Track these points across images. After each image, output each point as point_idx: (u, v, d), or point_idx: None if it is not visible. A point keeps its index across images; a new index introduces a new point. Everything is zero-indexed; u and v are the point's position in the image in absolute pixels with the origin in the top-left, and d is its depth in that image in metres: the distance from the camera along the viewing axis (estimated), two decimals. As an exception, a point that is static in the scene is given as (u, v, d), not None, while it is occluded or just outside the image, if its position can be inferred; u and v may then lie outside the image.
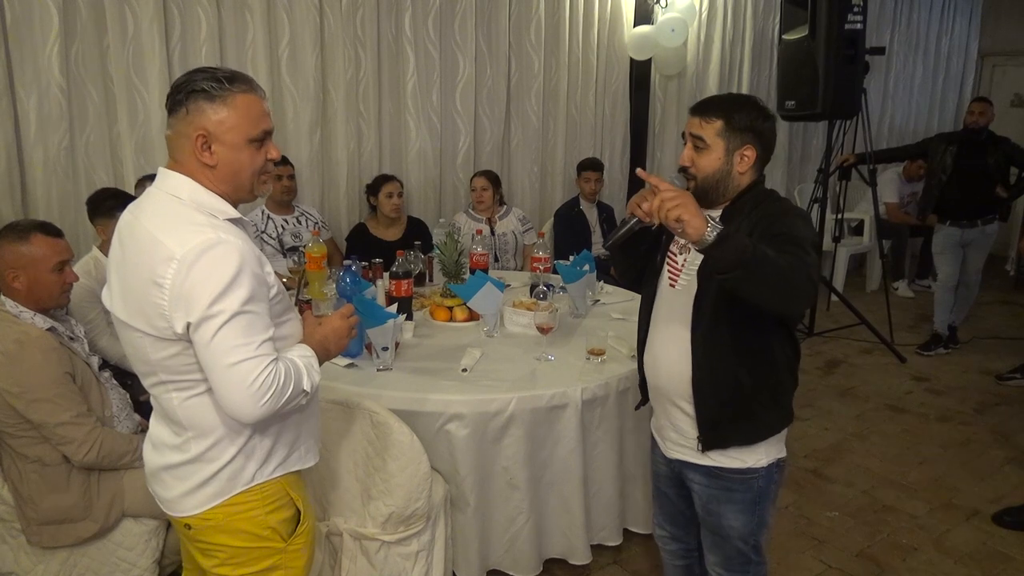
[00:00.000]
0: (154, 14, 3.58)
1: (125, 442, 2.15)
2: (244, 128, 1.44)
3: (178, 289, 1.34)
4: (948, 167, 4.85)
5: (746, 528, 1.86)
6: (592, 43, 5.22)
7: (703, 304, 1.75)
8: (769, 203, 1.76)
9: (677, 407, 1.87)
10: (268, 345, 1.41)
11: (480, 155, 4.90)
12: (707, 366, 1.77)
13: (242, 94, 1.44)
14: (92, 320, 2.85)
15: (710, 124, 1.74)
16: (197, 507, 1.52)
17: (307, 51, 4.08)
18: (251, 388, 1.36)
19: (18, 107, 3.37)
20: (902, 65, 7.32)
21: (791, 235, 1.63)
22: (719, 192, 1.77)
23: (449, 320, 3.01)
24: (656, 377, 1.92)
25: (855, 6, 4.52)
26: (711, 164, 1.75)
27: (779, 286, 1.52)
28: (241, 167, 1.47)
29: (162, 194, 1.46)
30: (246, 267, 1.37)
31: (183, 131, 1.43)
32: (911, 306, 6.18)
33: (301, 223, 3.98)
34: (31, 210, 3.47)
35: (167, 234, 1.37)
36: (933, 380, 4.62)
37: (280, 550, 1.60)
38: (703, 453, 1.83)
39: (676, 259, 1.87)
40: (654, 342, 1.92)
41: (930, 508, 3.16)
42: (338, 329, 1.66)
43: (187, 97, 1.41)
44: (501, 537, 2.46)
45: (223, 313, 1.34)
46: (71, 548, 2.15)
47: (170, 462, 1.53)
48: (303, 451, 1.65)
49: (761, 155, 1.77)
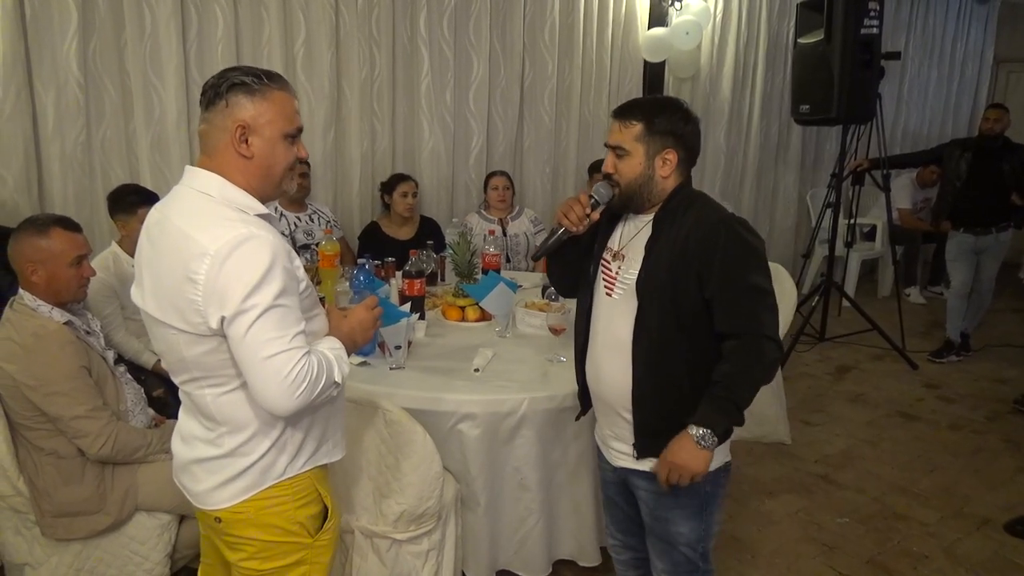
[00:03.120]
0: (171, 11, 3.60)
1: (139, 436, 2.17)
2: (280, 123, 1.48)
3: (212, 284, 1.36)
4: (963, 173, 4.83)
5: (693, 534, 1.85)
6: (606, 45, 5.22)
7: (647, 320, 1.74)
8: (699, 209, 1.74)
9: (619, 415, 1.85)
10: (301, 338, 1.42)
11: (493, 155, 4.91)
12: (649, 378, 1.76)
13: (279, 91, 1.48)
14: (108, 315, 2.87)
15: (629, 128, 1.74)
16: (228, 500, 1.54)
17: (322, 50, 4.10)
18: (286, 381, 1.38)
19: (36, 102, 3.40)
20: (917, 70, 7.28)
21: (749, 289, 1.68)
22: (644, 198, 1.78)
23: (461, 320, 3.02)
24: (598, 386, 1.90)
25: (871, 11, 4.50)
26: (632, 170, 1.75)
27: (760, 384, 1.70)
28: (276, 161, 1.50)
29: (191, 192, 1.47)
30: (278, 261, 1.39)
31: (221, 124, 1.45)
32: (923, 313, 6.15)
33: (314, 221, 3.99)
34: (48, 205, 3.49)
35: (199, 230, 1.39)
36: (945, 387, 4.59)
37: (307, 545, 1.61)
38: (639, 460, 1.83)
39: (610, 267, 1.86)
40: (594, 352, 1.90)
41: (941, 516, 3.14)
42: (363, 321, 1.69)
43: (227, 90, 1.44)
44: (511, 537, 2.46)
45: (257, 307, 1.36)
46: (84, 541, 2.17)
47: (201, 456, 1.55)
48: (331, 445, 1.67)
49: (684, 158, 1.77)
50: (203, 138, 1.49)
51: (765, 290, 1.70)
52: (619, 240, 1.86)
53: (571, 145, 5.22)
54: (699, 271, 1.68)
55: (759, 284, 1.69)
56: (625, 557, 2.11)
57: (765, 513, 3.12)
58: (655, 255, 1.73)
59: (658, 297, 1.71)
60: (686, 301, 1.70)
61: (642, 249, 1.76)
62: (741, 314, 1.68)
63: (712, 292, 1.68)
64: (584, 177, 4.90)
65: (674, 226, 1.73)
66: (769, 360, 1.68)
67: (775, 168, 6.44)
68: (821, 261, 5.86)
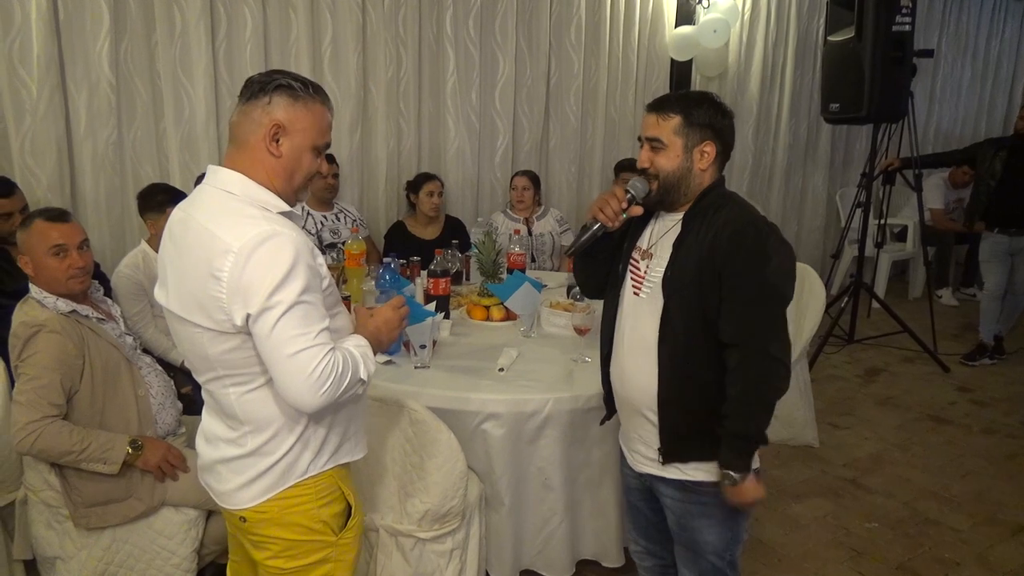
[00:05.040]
0: (201, 12, 3.64)
1: (72, 442, 2.05)
2: (313, 134, 1.51)
3: (236, 281, 1.36)
4: (997, 173, 4.73)
5: (721, 543, 1.81)
6: (633, 43, 5.19)
7: (672, 319, 1.71)
8: (731, 209, 1.71)
9: (644, 418, 1.81)
10: (325, 334, 1.43)
11: (518, 155, 4.90)
12: (675, 379, 1.73)
13: (319, 104, 1.51)
14: (138, 312, 2.91)
15: (667, 121, 1.72)
16: (252, 500, 1.55)
17: (349, 49, 4.12)
18: (311, 377, 1.38)
19: (69, 103, 3.46)
20: (950, 68, 7.17)
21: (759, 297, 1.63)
22: (680, 192, 1.75)
23: (486, 319, 3.02)
24: (623, 388, 1.86)
25: (904, 8, 4.42)
26: (670, 163, 1.73)
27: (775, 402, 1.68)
28: (300, 167, 1.51)
29: (214, 190, 1.48)
30: (301, 258, 1.39)
31: (258, 118, 1.47)
32: (955, 315, 6.05)
33: (340, 220, 4.01)
34: (80, 204, 3.55)
35: (222, 228, 1.39)
36: (978, 391, 4.51)
37: (332, 544, 1.62)
38: (665, 466, 1.79)
39: (639, 266, 1.83)
40: (620, 352, 1.87)
41: (973, 522, 3.08)
42: (390, 320, 1.70)
43: (274, 89, 1.46)
44: (535, 538, 2.45)
45: (281, 304, 1.36)
46: (113, 535, 2.19)
47: (226, 456, 1.56)
48: (353, 443, 1.68)
49: (721, 151, 1.75)
50: (234, 129, 1.50)
51: (775, 303, 1.65)
52: (649, 238, 1.83)
53: (597, 144, 5.20)
54: (720, 273, 1.65)
55: (770, 294, 1.64)
56: (648, 564, 2.08)
57: (792, 517, 3.08)
58: (683, 253, 1.71)
59: (684, 296, 1.69)
60: (711, 301, 1.67)
61: (670, 247, 1.74)
62: (744, 322, 1.64)
63: (726, 294, 1.64)
64: (610, 176, 4.87)
65: (703, 225, 1.70)
66: (771, 379, 1.65)
67: (804, 167, 6.37)
68: (851, 262, 5.79)
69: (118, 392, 2.20)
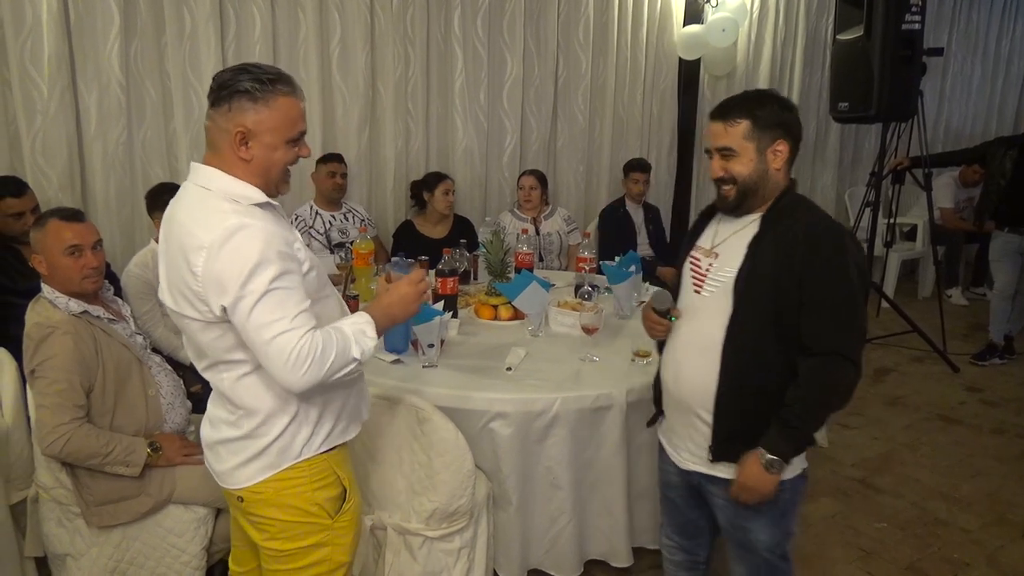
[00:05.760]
0: (210, 13, 3.66)
1: (99, 444, 2.08)
2: (282, 130, 1.52)
3: (208, 275, 1.43)
4: (1008, 172, 4.71)
5: (772, 540, 1.82)
6: (641, 42, 5.18)
7: (742, 321, 1.70)
8: (808, 213, 1.71)
9: (697, 417, 1.81)
10: (304, 317, 1.47)
11: (526, 154, 4.90)
12: (736, 381, 1.72)
13: (283, 96, 1.51)
14: (148, 311, 2.93)
15: (735, 127, 1.70)
16: (248, 480, 1.61)
17: (357, 49, 4.13)
18: (290, 360, 1.43)
19: (80, 103, 3.48)
20: (960, 67, 7.13)
21: (842, 304, 1.63)
22: (760, 195, 1.74)
23: (494, 319, 3.02)
24: (676, 386, 1.86)
25: (913, 6, 4.40)
26: (745, 167, 1.71)
27: (836, 410, 1.73)
28: (274, 163, 1.54)
29: (194, 187, 1.54)
30: (271, 246, 1.44)
31: (224, 126, 1.50)
32: (965, 314, 6.01)
33: (348, 220, 4.02)
34: (90, 203, 3.57)
35: (197, 224, 1.46)
36: (988, 391, 4.49)
37: (327, 527, 1.67)
38: (714, 464, 1.79)
39: (700, 264, 1.82)
40: (674, 349, 1.87)
41: (983, 523, 3.07)
42: (405, 296, 1.67)
43: (231, 95, 1.48)
44: (543, 537, 2.45)
45: (254, 293, 1.42)
46: (124, 532, 2.20)
47: (224, 437, 1.63)
48: (346, 424, 1.72)
49: (793, 147, 1.74)
50: (207, 133, 1.55)
51: (857, 309, 1.66)
52: (713, 237, 1.82)
53: (605, 143, 5.19)
54: (800, 278, 1.64)
55: (853, 301, 1.65)
56: (678, 558, 2.09)
57: (801, 517, 3.05)
58: (759, 255, 1.69)
59: (757, 299, 1.68)
60: (786, 307, 1.66)
61: (740, 248, 1.72)
62: (827, 328, 1.64)
63: (807, 299, 1.64)
64: (618, 175, 4.87)
65: (780, 227, 1.69)
66: (846, 386, 1.68)
67: (812, 166, 6.35)
68: (859, 261, 5.75)
69: (129, 392, 2.21)
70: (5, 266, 2.90)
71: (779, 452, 1.67)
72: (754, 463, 1.69)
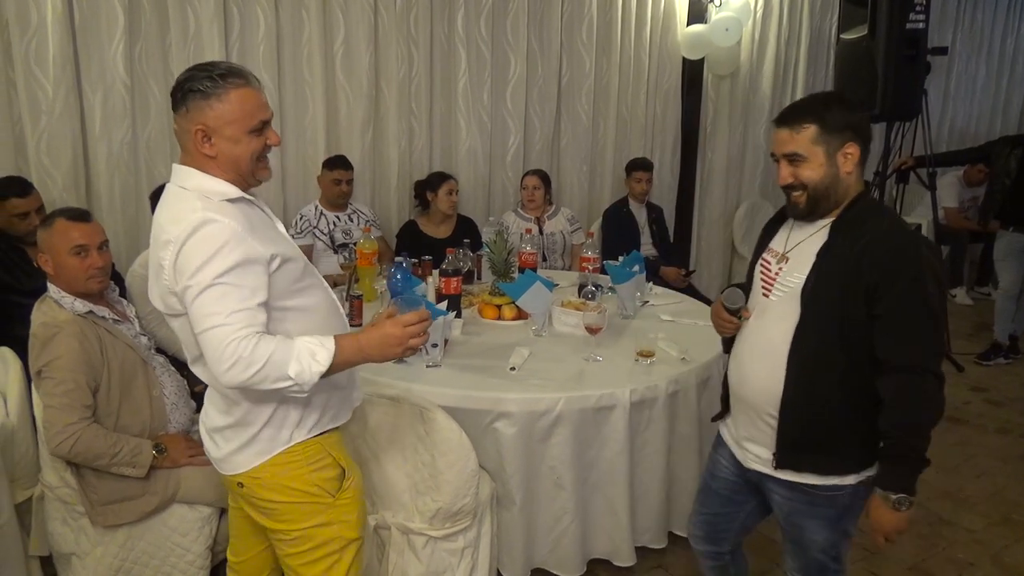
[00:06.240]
0: (214, 14, 3.66)
1: (107, 445, 2.09)
2: (241, 122, 1.54)
3: (172, 268, 1.48)
4: (1013, 171, 4.70)
5: (828, 542, 1.80)
6: (644, 42, 5.18)
7: (808, 329, 1.68)
8: (882, 221, 1.67)
9: (762, 419, 1.79)
10: (243, 316, 1.45)
11: (530, 154, 4.90)
12: (801, 387, 1.70)
13: (236, 89, 1.52)
14: (152, 311, 2.91)
15: (802, 132, 1.66)
16: (244, 465, 1.65)
17: (361, 49, 4.14)
18: (215, 354, 1.44)
19: (84, 103, 3.49)
20: (964, 66, 7.11)
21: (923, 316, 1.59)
22: (831, 200, 1.70)
23: (497, 318, 3.02)
24: (741, 387, 1.85)
25: (917, 5, 4.38)
26: (815, 172, 1.67)
27: (934, 425, 1.65)
28: (239, 156, 1.56)
29: (173, 187, 1.59)
30: (231, 243, 1.46)
31: (185, 127, 1.54)
32: (970, 314, 6.00)
33: (353, 220, 4.03)
34: (95, 203, 3.58)
35: (169, 221, 1.51)
36: (992, 391, 4.48)
37: (331, 504, 1.70)
38: (776, 469, 1.78)
39: (770, 267, 1.81)
40: (740, 351, 1.86)
41: (988, 523, 3.06)
42: (387, 336, 1.56)
43: (184, 96, 1.51)
44: (546, 536, 2.46)
45: (198, 284, 1.45)
46: (129, 532, 2.21)
47: (218, 424, 1.68)
48: (335, 411, 1.74)
49: (863, 150, 1.69)
50: (176, 138, 1.60)
51: (935, 322, 1.62)
52: (786, 242, 1.80)
53: (608, 143, 5.19)
54: (872, 288, 1.60)
55: (931, 315, 1.61)
56: (703, 548, 2.10)
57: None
58: (827, 263, 1.66)
59: (824, 307, 1.65)
60: (852, 316, 1.63)
61: (810, 255, 1.69)
62: (906, 344, 1.61)
63: (886, 312, 1.61)
64: (621, 175, 4.87)
65: (851, 235, 1.65)
66: (936, 402, 1.64)
67: (816, 166, 6.32)
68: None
69: (134, 392, 2.22)
70: (10, 266, 2.91)
71: (902, 488, 1.62)
72: (882, 507, 1.64)
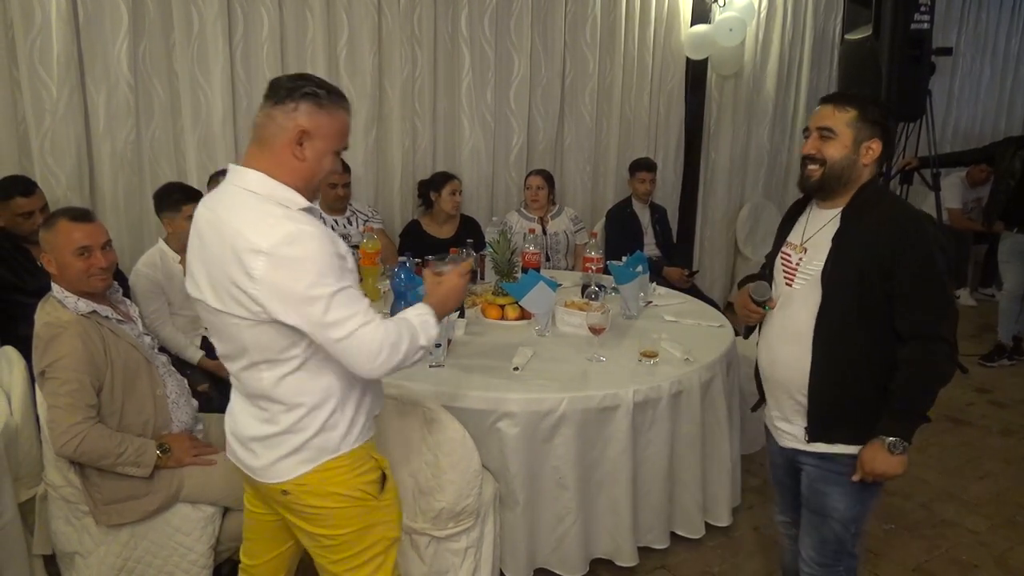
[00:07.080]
0: (218, 13, 3.66)
1: (112, 444, 2.10)
2: (335, 140, 1.59)
3: (271, 281, 1.46)
4: (1017, 172, 4.70)
5: (849, 512, 1.89)
6: (648, 42, 5.17)
7: (830, 312, 1.80)
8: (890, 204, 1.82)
9: (793, 399, 1.91)
10: (369, 309, 1.54)
11: (533, 154, 4.90)
12: (828, 366, 1.82)
13: (343, 110, 1.60)
14: (155, 311, 2.94)
15: (843, 113, 1.81)
16: (288, 473, 1.64)
17: (365, 49, 4.13)
18: (371, 351, 1.51)
19: (88, 102, 3.48)
20: (969, 66, 7.09)
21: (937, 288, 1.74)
22: (842, 183, 1.83)
23: (500, 318, 3.02)
24: (772, 371, 1.98)
25: (922, 5, 4.38)
26: (838, 152, 1.81)
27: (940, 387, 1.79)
28: (320, 169, 1.60)
29: (237, 189, 1.55)
30: (328, 247, 1.49)
31: (283, 123, 1.53)
32: (973, 315, 5.99)
33: (352, 224, 4.01)
34: (99, 203, 3.58)
35: (249, 227, 1.48)
36: (996, 392, 4.47)
37: (374, 507, 1.71)
38: (808, 443, 1.89)
39: (791, 258, 1.93)
40: (769, 338, 1.98)
41: (992, 524, 3.06)
42: (456, 287, 1.80)
43: (300, 96, 1.53)
44: (549, 536, 2.46)
45: (323, 296, 1.47)
46: (132, 531, 2.21)
47: (259, 434, 1.65)
48: (371, 421, 1.77)
49: (884, 152, 1.83)
50: (259, 130, 1.57)
51: (944, 293, 1.77)
52: (803, 233, 1.93)
53: (612, 143, 5.19)
54: (887, 266, 1.74)
55: (941, 287, 1.75)
56: (794, 533, 2.15)
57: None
58: (843, 247, 1.80)
59: (844, 289, 1.78)
60: (870, 295, 1.76)
61: (827, 241, 1.83)
62: (920, 316, 1.74)
63: (900, 288, 1.74)
64: (624, 175, 4.86)
65: (863, 220, 1.80)
66: (945, 363, 1.76)
67: (820, 167, 6.31)
68: (867, 261, 5.72)
69: (137, 392, 2.22)
70: (14, 265, 2.92)
71: (898, 433, 1.76)
72: (878, 450, 1.77)
